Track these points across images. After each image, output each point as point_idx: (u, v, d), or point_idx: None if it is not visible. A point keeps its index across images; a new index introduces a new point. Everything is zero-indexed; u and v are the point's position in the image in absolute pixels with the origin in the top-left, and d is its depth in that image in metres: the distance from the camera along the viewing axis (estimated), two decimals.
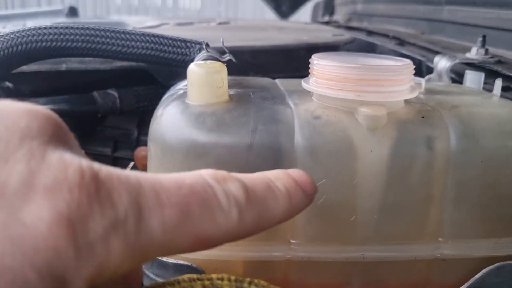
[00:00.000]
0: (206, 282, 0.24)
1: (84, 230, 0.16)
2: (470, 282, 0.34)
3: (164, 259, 0.33)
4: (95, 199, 0.17)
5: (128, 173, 0.19)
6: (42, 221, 0.16)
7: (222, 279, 0.25)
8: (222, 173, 0.22)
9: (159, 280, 0.34)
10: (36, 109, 0.19)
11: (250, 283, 0.25)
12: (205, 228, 0.20)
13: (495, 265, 0.33)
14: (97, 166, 0.18)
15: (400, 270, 0.34)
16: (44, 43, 0.42)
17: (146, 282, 0.36)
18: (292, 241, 0.33)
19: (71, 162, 0.17)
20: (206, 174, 0.21)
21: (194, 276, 0.24)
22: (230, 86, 0.35)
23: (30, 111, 0.18)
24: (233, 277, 0.25)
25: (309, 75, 0.36)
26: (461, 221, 0.33)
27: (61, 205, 0.16)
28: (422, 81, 0.41)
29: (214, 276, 0.25)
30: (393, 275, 0.34)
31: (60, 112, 0.20)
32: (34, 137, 0.17)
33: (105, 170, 0.18)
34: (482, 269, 0.33)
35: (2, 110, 0.18)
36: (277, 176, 0.24)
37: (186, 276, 0.24)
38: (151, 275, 0.34)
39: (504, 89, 0.40)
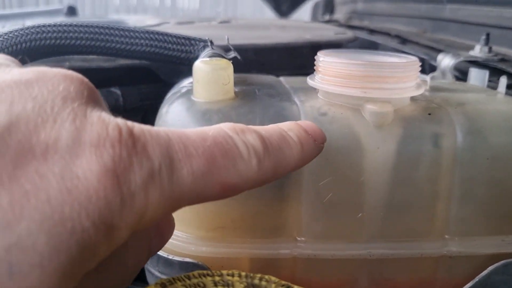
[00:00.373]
0: (217, 278, 0.24)
1: (127, 181, 0.18)
2: (476, 279, 0.33)
3: (170, 256, 0.33)
4: (133, 153, 0.18)
5: (158, 129, 0.20)
6: (92, 174, 0.17)
7: (232, 275, 0.25)
8: (240, 125, 0.24)
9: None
10: (71, 73, 0.20)
11: (261, 279, 0.25)
12: (229, 176, 0.21)
13: (502, 262, 0.33)
14: (130, 123, 0.20)
15: (406, 268, 0.34)
16: (46, 41, 0.42)
17: (151, 280, 0.35)
18: (298, 238, 0.33)
19: (109, 120, 0.19)
20: (225, 127, 0.23)
21: (204, 272, 0.24)
22: (235, 83, 0.35)
23: (66, 75, 0.20)
24: (243, 273, 0.25)
25: (314, 72, 0.36)
26: (468, 218, 0.33)
27: (107, 159, 0.18)
28: (427, 78, 0.41)
29: (224, 272, 0.25)
30: (400, 272, 0.34)
31: None
32: (73, 99, 0.19)
33: (138, 126, 0.20)
34: (489, 266, 0.33)
35: (43, 75, 0.19)
36: (289, 127, 0.26)
37: (196, 272, 0.24)
38: (157, 273, 0.34)
39: (508, 87, 0.40)
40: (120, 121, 0.19)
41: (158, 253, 0.33)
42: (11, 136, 0.17)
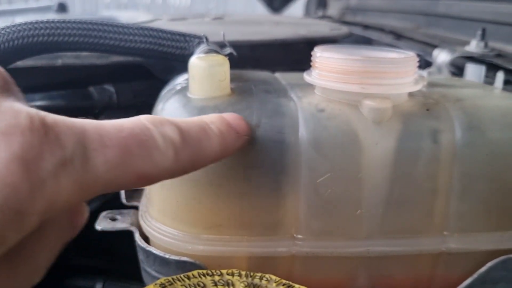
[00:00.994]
0: (216, 278, 0.24)
1: (37, 168, 0.18)
2: (475, 275, 0.33)
3: (167, 255, 0.33)
4: (44, 141, 0.19)
5: (73, 119, 0.21)
6: (1, 161, 0.18)
7: (232, 275, 0.24)
8: (159, 117, 0.24)
9: (161, 277, 0.33)
10: None
11: (261, 278, 0.25)
12: (144, 166, 0.22)
13: (500, 258, 0.33)
14: (43, 113, 0.20)
15: (405, 264, 0.34)
16: (39, 38, 0.41)
17: (148, 280, 0.35)
18: (296, 236, 0.33)
19: (21, 110, 0.19)
20: (144, 118, 0.24)
21: (204, 271, 0.24)
22: (231, 79, 0.34)
23: None
24: (243, 272, 0.24)
25: (311, 68, 0.35)
26: (467, 214, 0.33)
27: (16, 146, 0.18)
28: (424, 74, 0.41)
29: (224, 271, 0.24)
30: (399, 269, 0.34)
31: (56, 108, 0.21)
32: None
33: (52, 116, 0.20)
34: (488, 263, 0.33)
35: None
36: (211, 120, 0.27)
37: (195, 272, 0.24)
38: (153, 273, 0.34)
39: (505, 82, 0.40)
40: (32, 110, 0.20)
41: (154, 252, 0.33)
42: None
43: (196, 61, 0.33)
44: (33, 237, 0.20)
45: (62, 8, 1.17)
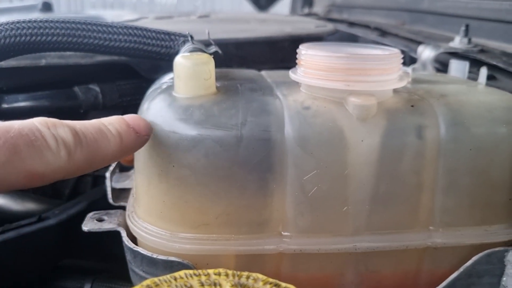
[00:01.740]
0: (203, 278, 0.24)
1: None
2: (461, 269, 0.34)
3: (154, 255, 0.33)
4: None
5: None
6: None
7: (219, 274, 0.24)
8: (53, 120, 0.25)
9: (149, 277, 0.33)
10: None
11: (248, 277, 0.25)
12: (34, 166, 0.23)
13: (485, 252, 0.33)
14: None
15: (392, 260, 0.34)
16: (22, 38, 0.41)
17: (136, 280, 0.35)
18: (283, 233, 0.33)
19: None
20: (36, 120, 0.24)
21: (190, 271, 0.24)
22: (216, 78, 0.34)
23: None
24: (230, 272, 0.24)
25: (296, 66, 0.36)
26: (452, 209, 0.33)
27: None
28: (409, 70, 0.41)
29: (211, 271, 0.24)
30: (386, 264, 0.34)
31: (40, 109, 0.21)
32: None
33: None
34: (473, 257, 0.34)
35: None
36: (110, 121, 0.28)
37: (182, 272, 0.24)
38: (141, 273, 0.34)
39: (488, 77, 0.41)
40: None
41: (142, 252, 0.33)
42: None
43: (181, 59, 0.33)
44: None
45: (46, 7, 1.16)
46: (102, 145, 0.27)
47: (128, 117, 0.30)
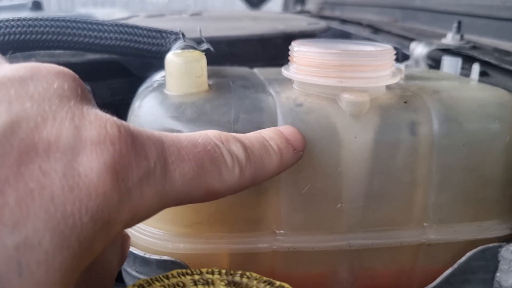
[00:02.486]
0: (196, 277, 0.24)
1: (125, 178, 0.18)
2: (455, 266, 0.34)
3: (147, 255, 0.32)
4: (132, 151, 0.19)
5: (151, 130, 0.21)
6: (93, 171, 0.17)
7: (212, 273, 0.24)
8: (225, 134, 0.25)
9: (142, 277, 0.33)
10: (63, 70, 0.20)
11: (241, 276, 0.24)
12: (214, 182, 0.23)
13: (479, 248, 0.33)
14: (125, 122, 0.20)
15: (386, 257, 0.34)
16: (11, 36, 0.40)
17: (128, 280, 0.35)
18: (277, 231, 0.33)
19: (106, 118, 0.19)
20: (211, 134, 0.24)
21: (183, 270, 0.24)
22: (209, 76, 0.34)
23: (59, 72, 0.20)
24: (223, 270, 0.24)
25: (289, 63, 0.35)
26: (446, 205, 0.33)
27: (107, 156, 0.18)
28: (402, 67, 0.41)
29: (204, 270, 0.24)
30: (380, 261, 0.34)
31: None
32: (69, 97, 0.19)
33: (133, 125, 0.20)
34: (467, 253, 0.34)
35: (36, 72, 0.19)
36: (271, 136, 0.28)
37: (175, 271, 0.24)
38: (134, 273, 0.33)
39: (481, 74, 0.41)
40: (116, 119, 0.20)
41: (134, 252, 0.33)
42: (14, 135, 0.17)
43: (172, 57, 0.32)
44: (110, 246, 0.21)
45: (36, 6, 1.15)
46: (266, 162, 0.26)
47: (287, 130, 0.29)
